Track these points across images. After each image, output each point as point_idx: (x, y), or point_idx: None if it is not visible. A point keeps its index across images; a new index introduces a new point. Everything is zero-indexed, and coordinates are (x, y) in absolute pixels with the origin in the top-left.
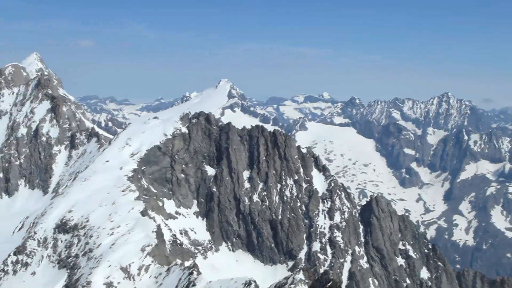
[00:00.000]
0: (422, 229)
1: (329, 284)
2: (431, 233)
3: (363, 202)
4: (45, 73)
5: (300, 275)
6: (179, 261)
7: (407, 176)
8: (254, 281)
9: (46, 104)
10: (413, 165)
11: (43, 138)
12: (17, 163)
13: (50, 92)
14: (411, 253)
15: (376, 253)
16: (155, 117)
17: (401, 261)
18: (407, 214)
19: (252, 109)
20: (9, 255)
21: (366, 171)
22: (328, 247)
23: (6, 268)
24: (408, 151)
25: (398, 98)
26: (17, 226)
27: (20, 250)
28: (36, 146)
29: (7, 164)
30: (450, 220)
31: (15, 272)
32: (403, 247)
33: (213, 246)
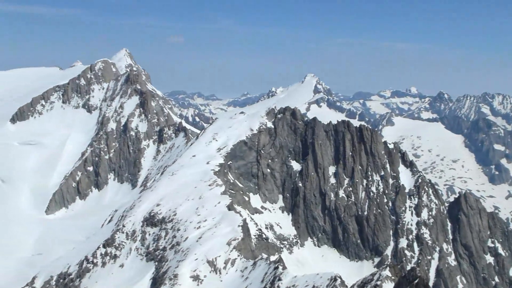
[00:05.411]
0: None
1: (416, 281)
2: None
3: (451, 199)
4: (134, 68)
5: (387, 272)
6: (264, 256)
7: (497, 173)
8: (340, 277)
9: (135, 99)
10: (503, 161)
11: (132, 133)
12: (106, 157)
13: (139, 87)
14: (500, 250)
15: (465, 251)
16: (242, 112)
17: (490, 258)
18: (497, 211)
19: (338, 104)
20: (98, 248)
21: (455, 167)
22: (415, 244)
23: (95, 260)
24: (497, 147)
25: (488, 93)
26: (106, 219)
27: (109, 242)
28: (125, 140)
29: (97, 158)
30: None
31: (104, 264)
32: (492, 245)
33: (298, 241)
